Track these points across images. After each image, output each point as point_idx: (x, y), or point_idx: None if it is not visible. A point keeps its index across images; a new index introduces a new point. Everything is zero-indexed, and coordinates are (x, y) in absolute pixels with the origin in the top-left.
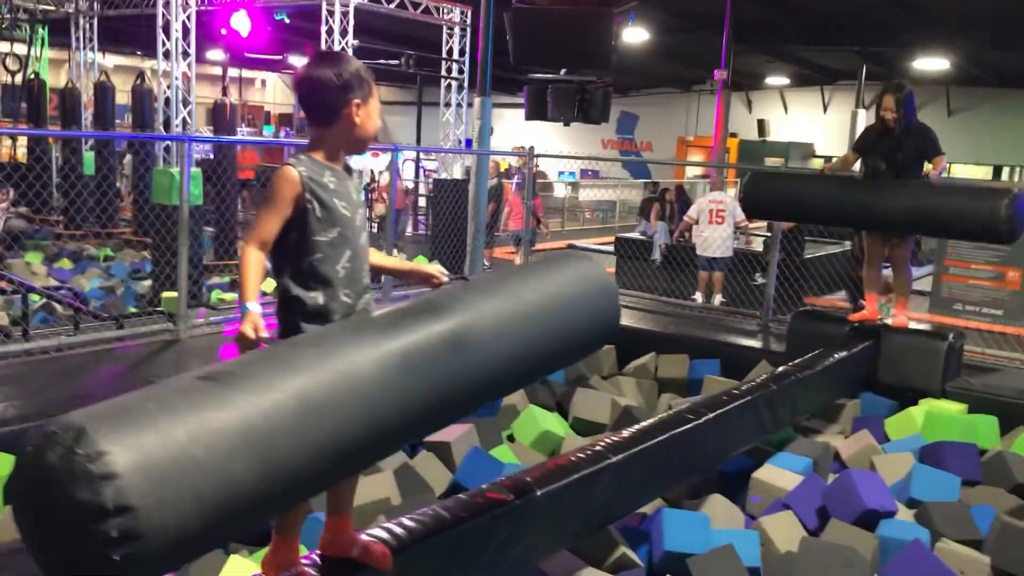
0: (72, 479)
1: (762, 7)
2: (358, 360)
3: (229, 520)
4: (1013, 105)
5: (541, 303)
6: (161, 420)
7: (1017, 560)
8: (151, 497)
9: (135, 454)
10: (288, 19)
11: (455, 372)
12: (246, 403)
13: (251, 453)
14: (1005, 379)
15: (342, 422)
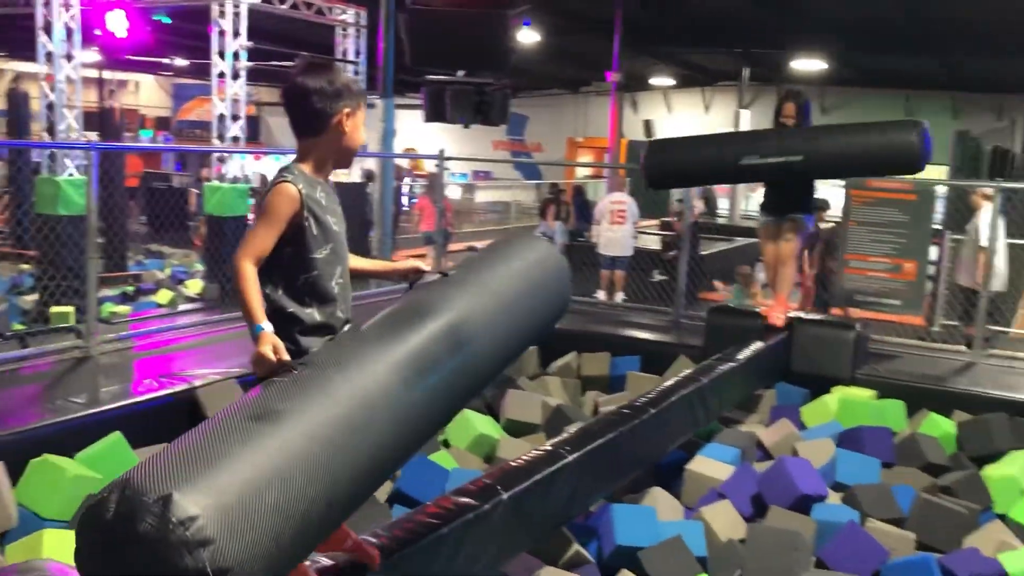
0: (170, 547)
1: (647, 10)
2: (380, 374)
3: (300, 550)
4: (881, 104)
5: (515, 290)
6: (233, 472)
7: (939, 534)
8: (244, 554)
9: (223, 514)
10: (168, 19)
11: (456, 370)
12: (301, 438)
13: (314, 485)
14: (907, 365)
15: (380, 435)
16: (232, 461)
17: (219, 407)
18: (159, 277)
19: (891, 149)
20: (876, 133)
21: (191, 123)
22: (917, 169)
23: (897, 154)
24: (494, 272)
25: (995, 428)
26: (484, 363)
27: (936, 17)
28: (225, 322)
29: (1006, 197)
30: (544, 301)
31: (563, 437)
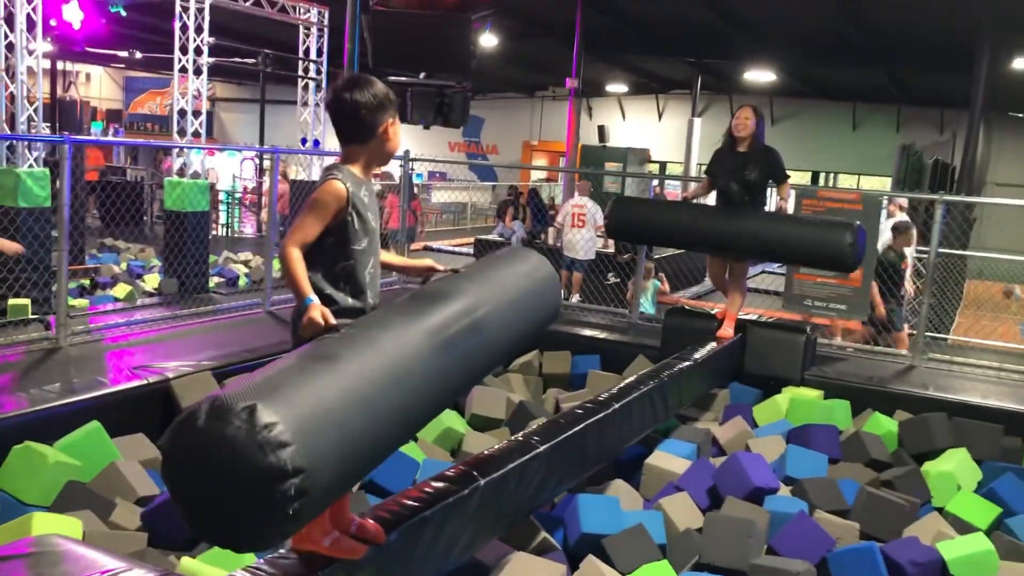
0: (255, 447)
1: (604, 18)
2: (414, 337)
3: (358, 468)
4: (828, 115)
5: (517, 289)
6: (303, 394)
7: (881, 525)
8: (315, 458)
9: (298, 423)
10: (124, 11)
11: (471, 348)
12: (356, 375)
13: (365, 416)
14: (852, 367)
15: (415, 386)
16: (301, 387)
17: (193, 398)
18: (116, 271)
19: (826, 248)
20: (814, 230)
21: (143, 116)
22: (850, 269)
23: (831, 254)
24: (499, 272)
25: (934, 427)
26: (493, 347)
27: (883, 32)
28: (188, 317)
29: (945, 210)
30: (540, 303)
31: (532, 429)
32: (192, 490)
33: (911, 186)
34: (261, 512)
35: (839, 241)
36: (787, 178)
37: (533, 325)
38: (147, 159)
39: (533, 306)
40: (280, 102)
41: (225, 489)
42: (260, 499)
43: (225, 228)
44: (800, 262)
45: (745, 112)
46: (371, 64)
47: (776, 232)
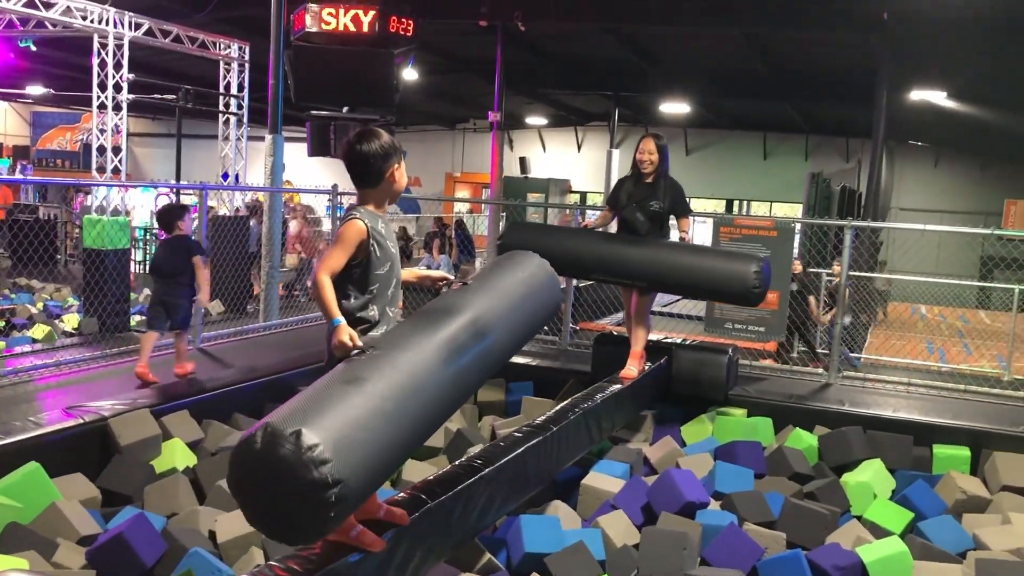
0: (302, 465)
1: (524, 53)
2: (427, 354)
3: (384, 472)
4: (740, 145)
5: (520, 294)
6: (338, 417)
7: (805, 533)
8: (350, 471)
9: (336, 444)
10: (34, 47)
11: (477, 354)
12: (379, 396)
13: (389, 429)
14: (773, 386)
15: (429, 398)
16: (336, 410)
17: (132, 436)
18: (32, 312)
19: (730, 281)
20: (719, 262)
21: (53, 152)
22: (753, 302)
23: (736, 288)
24: (503, 280)
25: (851, 440)
26: (498, 350)
27: (789, 67)
28: (116, 356)
29: (854, 234)
30: (540, 303)
31: (475, 453)
32: (253, 499)
33: (821, 212)
34: (308, 516)
35: (744, 273)
36: (690, 213)
37: (533, 324)
38: (57, 196)
39: (532, 307)
40: (196, 136)
41: (279, 498)
42: (307, 506)
43: (142, 265)
44: (701, 294)
45: (648, 145)
46: (293, 99)
47: (675, 259)
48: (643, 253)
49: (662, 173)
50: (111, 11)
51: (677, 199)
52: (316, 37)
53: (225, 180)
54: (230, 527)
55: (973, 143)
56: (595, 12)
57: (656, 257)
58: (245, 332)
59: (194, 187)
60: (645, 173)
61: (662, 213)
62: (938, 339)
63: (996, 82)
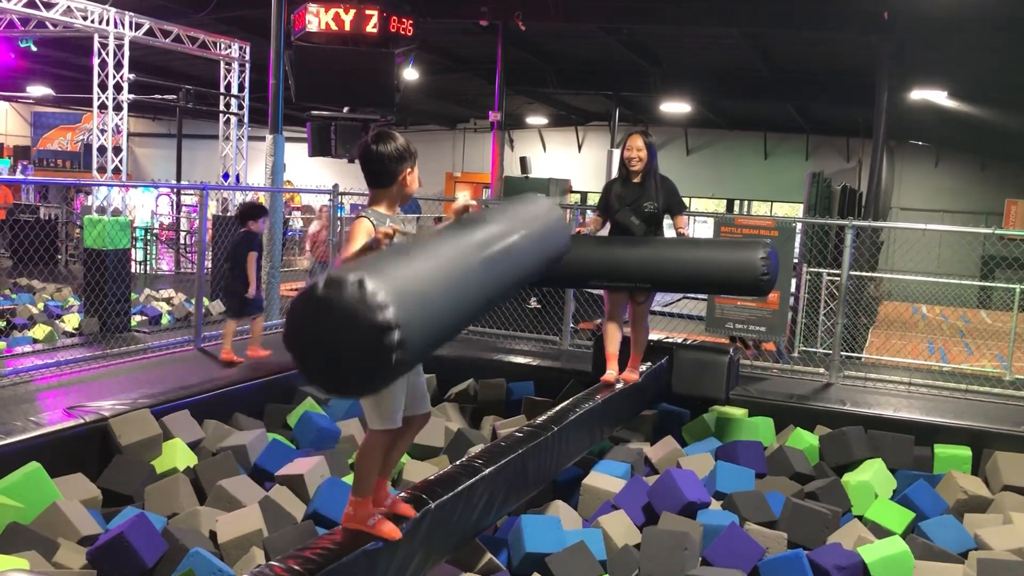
0: (364, 309)
1: (524, 54)
2: (468, 247)
3: (438, 333)
4: (741, 145)
5: (538, 224)
6: (395, 273)
7: (806, 533)
8: (408, 317)
9: (394, 292)
10: (35, 47)
11: (507, 264)
12: (431, 268)
13: (441, 290)
14: (773, 386)
15: (472, 283)
16: (393, 267)
17: (132, 436)
18: (32, 312)
19: (737, 270)
20: (724, 252)
21: (53, 153)
22: (764, 291)
23: (744, 277)
24: (522, 210)
25: (852, 440)
26: (519, 267)
27: (790, 67)
28: (116, 356)
29: (855, 234)
30: (553, 236)
31: (476, 453)
32: (312, 348)
33: (821, 212)
34: (372, 360)
35: (751, 260)
36: (685, 209)
37: (548, 252)
38: (58, 197)
39: (548, 237)
40: (197, 136)
41: (343, 343)
42: (371, 349)
43: (143, 265)
44: (708, 287)
45: (636, 142)
46: (294, 98)
47: (682, 256)
48: (642, 252)
49: (652, 171)
50: (111, 11)
51: (671, 197)
52: (317, 37)
53: (226, 180)
54: (231, 527)
55: (974, 143)
56: (596, 12)
57: (656, 255)
58: (245, 332)
59: (195, 187)
60: (634, 172)
61: (657, 213)
62: (939, 339)
63: (997, 81)
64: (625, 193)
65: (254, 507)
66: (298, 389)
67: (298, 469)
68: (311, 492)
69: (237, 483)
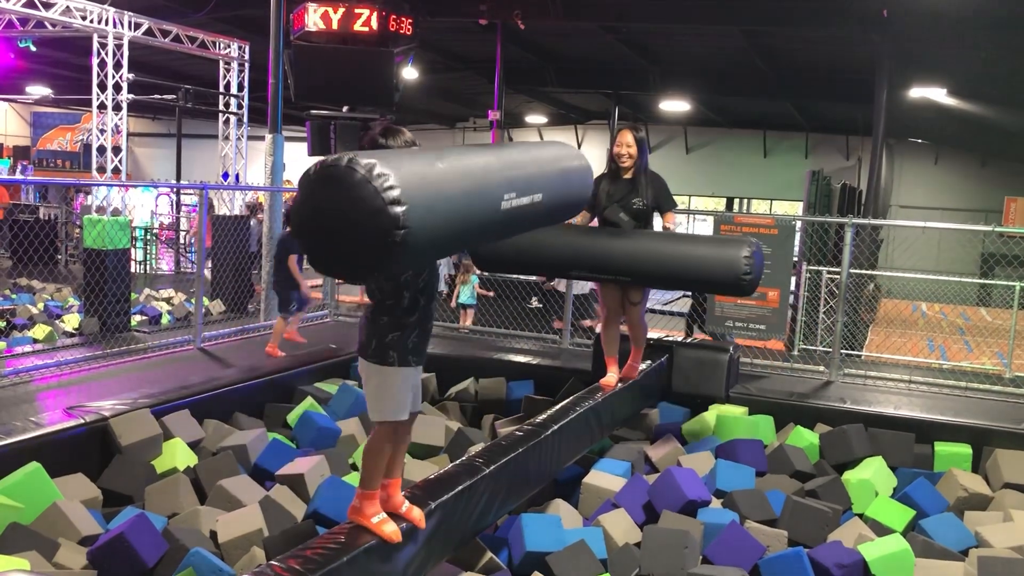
0: (375, 188)
1: (523, 53)
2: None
3: (456, 231)
4: (740, 143)
5: (558, 168)
6: (413, 163)
7: (807, 531)
8: (416, 198)
9: (405, 182)
10: (34, 47)
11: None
12: (453, 159)
13: (466, 185)
14: (773, 384)
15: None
16: (406, 160)
17: (132, 436)
18: (32, 312)
19: (718, 268)
20: (707, 248)
21: (53, 153)
22: (745, 291)
23: (726, 275)
24: (544, 150)
25: (852, 438)
26: (539, 208)
27: (789, 66)
28: (117, 356)
29: (855, 232)
30: (579, 175)
31: (476, 452)
32: (318, 225)
33: (821, 210)
34: (374, 235)
35: (734, 260)
36: (674, 206)
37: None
38: (58, 197)
39: (569, 182)
40: (196, 136)
41: (347, 218)
42: (372, 224)
43: (143, 265)
44: (691, 285)
45: (625, 137)
46: (293, 98)
47: (664, 250)
48: (623, 244)
49: (641, 167)
50: (111, 11)
51: (660, 192)
52: (316, 36)
53: (225, 180)
54: (231, 527)
55: (973, 140)
56: (595, 10)
57: (637, 248)
58: (246, 331)
59: (195, 187)
60: (623, 168)
61: (646, 210)
62: (939, 336)
63: (996, 79)
64: (614, 189)
65: (254, 507)
66: (298, 388)
67: (298, 468)
68: (311, 491)
69: (237, 483)
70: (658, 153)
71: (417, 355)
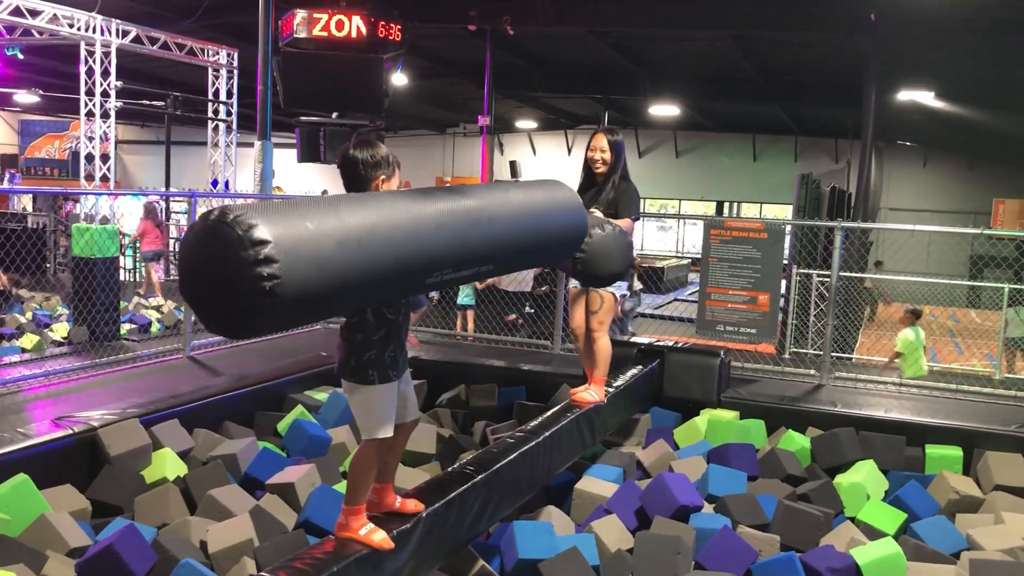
0: (240, 241)
1: (512, 58)
2: (413, 209)
3: (338, 290)
4: (730, 147)
5: (533, 205)
6: (291, 218)
7: (799, 536)
8: (288, 254)
9: (273, 223)
10: (21, 55)
11: (469, 233)
12: (345, 214)
13: (350, 246)
14: (764, 388)
15: (404, 244)
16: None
17: (121, 447)
18: (21, 321)
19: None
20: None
21: (41, 161)
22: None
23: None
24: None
25: (844, 442)
26: (494, 241)
27: (778, 70)
28: (106, 365)
29: (844, 235)
30: (560, 221)
31: (468, 460)
32: (195, 281)
33: (811, 213)
34: (240, 286)
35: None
36: (632, 215)
37: (548, 240)
38: (46, 205)
39: (550, 223)
40: (185, 143)
41: (221, 275)
42: (240, 276)
43: (132, 273)
44: None
45: (599, 141)
46: (282, 104)
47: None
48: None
49: (613, 172)
50: (98, 19)
51: (621, 198)
52: (305, 43)
53: (215, 187)
54: (221, 537)
55: (961, 143)
56: (583, 15)
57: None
58: (235, 340)
59: (184, 194)
60: (597, 173)
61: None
62: (929, 339)
63: (983, 81)
64: (586, 197)
65: (245, 516)
66: (288, 397)
67: (289, 477)
68: (302, 500)
69: (227, 492)
70: (648, 157)
71: (396, 369)
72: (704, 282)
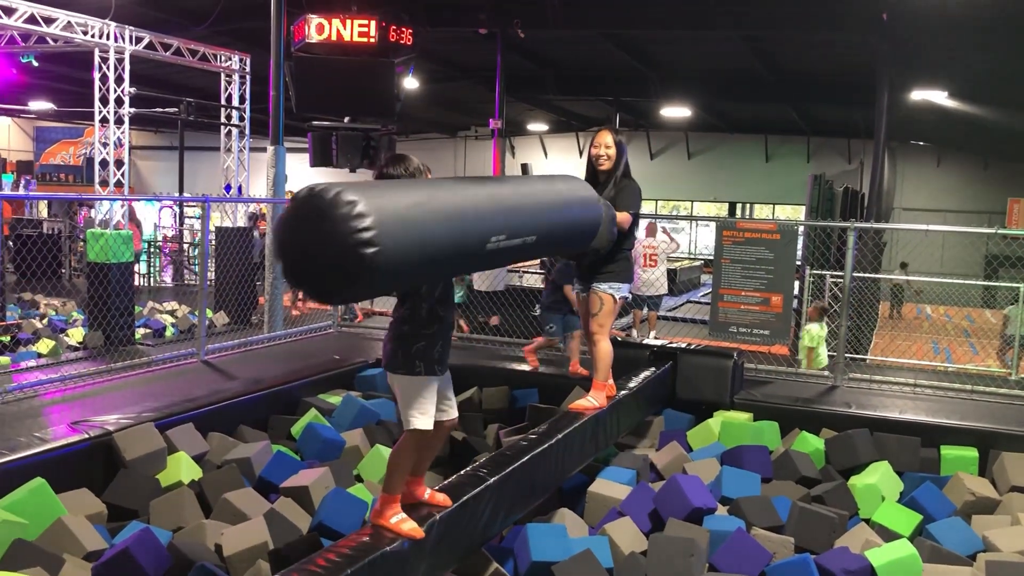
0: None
1: (523, 61)
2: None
3: (429, 260)
4: (742, 148)
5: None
6: (386, 189)
7: (813, 537)
8: (387, 225)
9: (370, 199)
10: (36, 62)
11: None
12: (420, 191)
13: (443, 217)
14: (778, 389)
15: (466, 212)
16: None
17: (137, 450)
18: (37, 326)
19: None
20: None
21: (56, 167)
22: None
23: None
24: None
25: (858, 443)
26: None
27: (790, 70)
28: (121, 370)
29: (857, 236)
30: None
31: (480, 463)
32: (294, 250)
33: (823, 214)
34: (344, 259)
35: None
36: (629, 208)
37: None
38: (61, 211)
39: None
40: (199, 148)
41: (317, 240)
42: (341, 246)
43: (146, 278)
44: None
45: (603, 137)
46: (295, 109)
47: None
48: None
49: (615, 172)
50: (111, 26)
51: (620, 194)
52: (317, 48)
53: (228, 192)
54: (236, 540)
55: (975, 142)
56: (594, 18)
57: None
58: (249, 343)
59: (197, 199)
60: (601, 170)
61: None
62: (944, 339)
63: (997, 80)
64: None
65: (259, 519)
66: (302, 400)
67: (303, 480)
68: (316, 503)
69: (242, 496)
70: (660, 159)
71: (441, 365)
72: (717, 284)
